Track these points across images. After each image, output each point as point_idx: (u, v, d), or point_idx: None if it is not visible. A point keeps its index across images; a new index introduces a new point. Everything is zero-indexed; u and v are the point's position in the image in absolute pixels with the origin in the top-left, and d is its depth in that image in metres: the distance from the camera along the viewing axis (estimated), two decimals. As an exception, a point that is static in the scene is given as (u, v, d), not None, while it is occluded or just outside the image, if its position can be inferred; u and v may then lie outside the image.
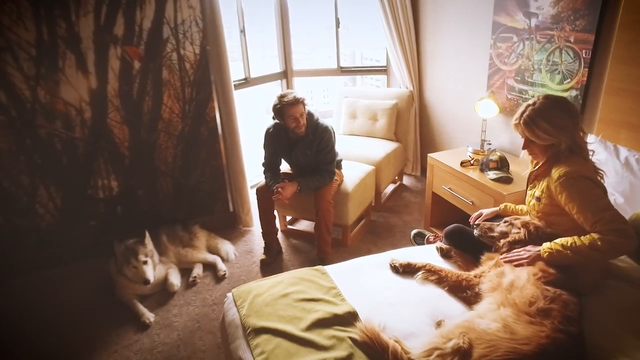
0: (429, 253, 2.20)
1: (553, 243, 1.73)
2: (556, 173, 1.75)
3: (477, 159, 3.00)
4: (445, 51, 3.80)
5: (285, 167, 3.24)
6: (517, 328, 1.43)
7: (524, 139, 1.87)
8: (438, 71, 3.95)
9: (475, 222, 2.12)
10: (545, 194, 1.84)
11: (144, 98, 3.08)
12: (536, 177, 1.93)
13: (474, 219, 2.24)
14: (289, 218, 3.67)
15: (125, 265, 2.71)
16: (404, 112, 4.07)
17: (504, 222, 1.96)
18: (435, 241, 2.75)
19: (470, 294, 1.80)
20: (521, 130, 1.85)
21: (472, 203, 2.84)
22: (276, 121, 2.95)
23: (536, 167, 1.93)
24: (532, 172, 1.95)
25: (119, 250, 2.75)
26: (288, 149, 3.03)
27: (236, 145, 3.44)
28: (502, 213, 2.19)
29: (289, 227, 3.62)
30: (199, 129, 3.31)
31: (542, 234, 1.82)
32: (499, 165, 2.79)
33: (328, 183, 2.98)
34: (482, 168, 2.88)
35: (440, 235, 2.37)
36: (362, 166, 3.47)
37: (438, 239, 2.64)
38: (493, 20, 3.11)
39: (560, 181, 1.73)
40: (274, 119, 2.95)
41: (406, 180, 4.44)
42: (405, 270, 2.01)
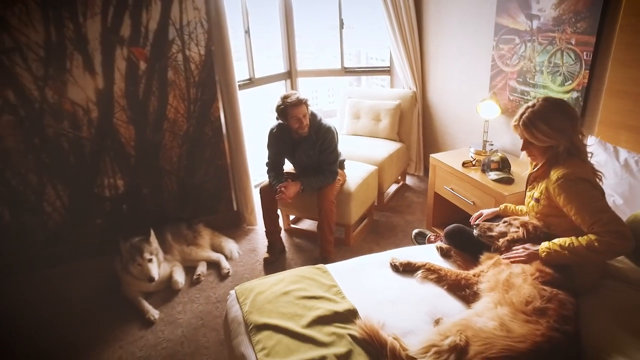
0: (429, 252, 2.21)
1: (551, 243, 1.75)
2: (555, 175, 1.77)
3: (479, 159, 3.01)
4: (448, 52, 3.81)
5: (288, 167, 3.26)
6: (513, 326, 1.46)
7: (523, 140, 1.89)
8: (441, 72, 3.96)
9: (475, 222, 2.14)
10: (544, 195, 1.85)
11: (149, 98, 3.12)
12: (535, 179, 1.94)
13: (475, 219, 2.25)
14: (292, 217, 3.69)
15: (131, 263, 2.74)
16: (407, 113, 4.08)
17: (503, 223, 1.97)
18: (436, 241, 2.77)
19: (468, 292, 1.82)
20: (520, 132, 1.87)
21: (474, 203, 2.85)
22: (280, 121, 2.97)
23: (535, 169, 1.95)
24: (531, 174, 1.97)
25: (124, 248, 2.77)
26: (291, 149, 3.06)
27: (240, 145, 3.47)
28: (502, 213, 2.21)
29: (292, 226, 3.65)
30: (203, 129, 3.34)
31: (541, 233, 1.84)
32: (500, 166, 2.81)
33: (331, 183, 3.00)
34: (484, 169, 2.89)
35: (441, 234, 2.40)
36: (365, 166, 3.48)
37: (439, 239, 2.66)
38: (495, 22, 3.12)
39: (558, 183, 1.74)
40: (277, 120, 2.98)
41: (409, 180, 4.45)
42: (405, 269, 2.02)
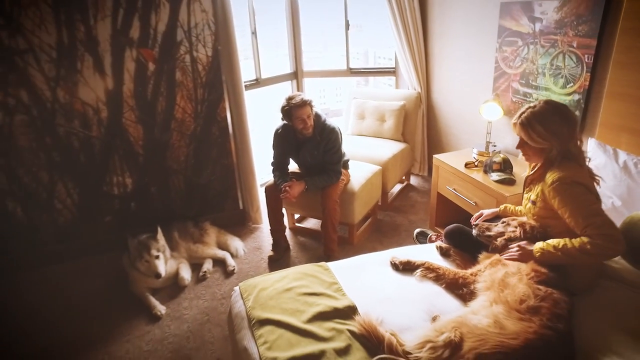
0: (429, 252, 2.25)
1: (545, 244, 1.78)
2: (550, 178, 1.79)
3: (482, 160, 3.04)
4: (452, 54, 3.84)
5: (293, 167, 3.30)
6: (507, 324, 1.49)
7: (519, 138, 1.92)
8: (445, 73, 3.99)
9: (474, 222, 2.16)
10: (540, 198, 1.88)
11: (157, 98, 3.18)
12: (532, 181, 1.97)
13: (475, 219, 2.28)
14: (297, 216, 3.73)
15: (138, 260, 2.79)
16: (412, 113, 4.11)
17: (502, 223, 2.00)
18: (437, 240, 2.80)
19: (465, 291, 1.85)
20: (518, 130, 1.90)
21: (476, 204, 2.88)
22: (285, 122, 3.01)
23: (532, 172, 1.98)
24: (528, 176, 1.99)
25: (132, 245, 2.82)
26: (296, 149, 3.10)
27: (246, 144, 3.52)
28: (502, 214, 2.24)
29: (297, 225, 3.69)
30: (210, 128, 3.40)
31: (538, 234, 1.86)
32: (502, 167, 2.83)
33: (334, 182, 3.04)
34: (486, 169, 2.92)
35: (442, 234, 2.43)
36: (369, 166, 3.51)
37: (439, 238, 2.69)
38: (499, 24, 3.14)
39: (553, 186, 1.77)
40: (282, 120, 3.03)
41: (413, 180, 4.48)
42: (404, 267, 2.06)
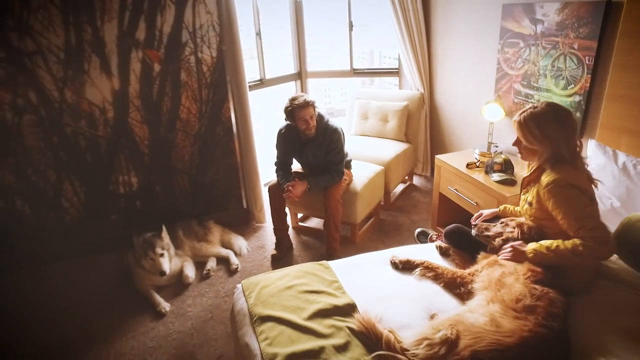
0: (428, 251, 2.28)
1: (538, 244, 1.81)
2: (545, 180, 1.82)
3: (483, 161, 3.06)
4: (455, 55, 3.86)
5: (297, 167, 3.33)
6: (503, 322, 1.52)
7: (516, 136, 1.95)
8: (448, 74, 4.01)
9: (473, 222, 2.19)
10: (536, 199, 1.90)
11: (163, 99, 3.22)
12: (529, 183, 1.99)
13: (475, 219, 2.30)
14: (300, 215, 3.76)
15: (143, 257, 2.84)
16: (415, 114, 4.13)
17: (500, 223, 2.02)
18: (437, 240, 2.83)
19: (463, 290, 1.88)
20: (515, 128, 1.93)
21: (477, 204, 2.90)
22: (288, 122, 3.05)
23: (529, 173, 2.00)
24: (525, 178, 2.01)
25: (137, 243, 2.87)
26: (299, 149, 3.13)
27: (250, 144, 3.56)
28: (501, 214, 2.26)
29: (300, 224, 3.73)
30: (214, 128, 3.44)
31: (535, 234, 1.89)
32: (503, 167, 2.85)
33: (337, 182, 3.07)
34: (487, 170, 2.94)
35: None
36: (372, 166, 3.54)
37: (440, 238, 2.72)
38: (501, 26, 3.16)
39: (548, 188, 1.79)
40: (286, 120, 3.06)
41: (416, 181, 4.50)
42: (404, 266, 2.09)
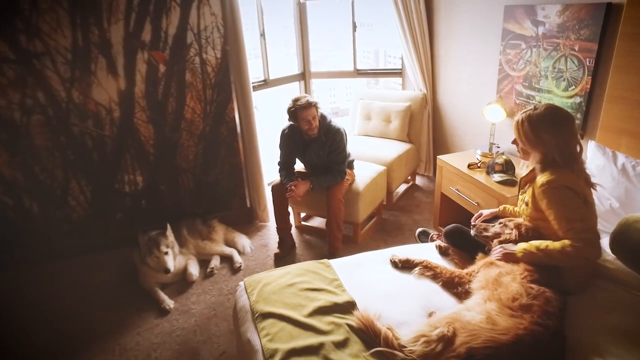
0: (428, 250, 2.30)
1: (528, 244, 1.83)
2: (540, 180, 1.84)
3: (484, 161, 3.09)
4: (457, 56, 3.87)
5: (300, 167, 3.37)
6: (499, 320, 1.55)
7: None
8: (451, 75, 4.03)
9: (473, 223, 2.21)
10: (531, 199, 1.92)
11: (168, 99, 3.27)
12: (526, 183, 2.01)
13: (475, 219, 2.31)
14: (303, 215, 3.80)
15: (148, 255, 2.88)
16: (417, 114, 4.16)
17: (499, 224, 2.04)
18: (438, 239, 2.85)
19: (461, 290, 1.91)
20: (513, 127, 1.95)
21: (478, 204, 2.92)
22: (291, 123, 3.08)
23: (525, 173, 2.02)
24: (523, 178, 2.03)
25: (142, 241, 2.92)
26: (302, 149, 3.17)
27: (254, 144, 3.60)
28: (501, 214, 2.28)
29: (303, 224, 3.76)
30: (219, 128, 3.48)
31: (532, 236, 1.90)
32: (504, 168, 2.88)
33: (339, 182, 3.11)
34: (488, 171, 2.96)
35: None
36: (374, 166, 3.57)
37: (440, 238, 2.74)
38: (503, 27, 3.18)
39: (542, 188, 1.81)
40: (289, 121, 3.10)
41: (419, 181, 4.53)
42: (404, 265, 2.12)
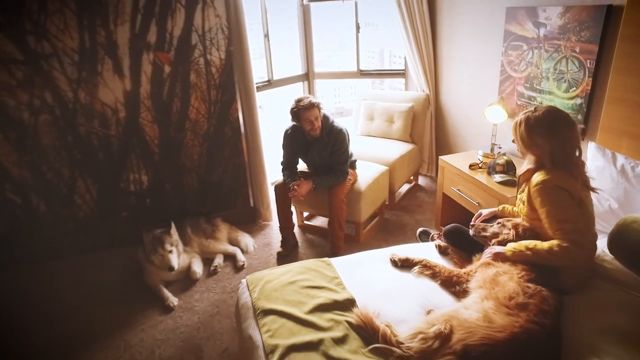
0: (428, 250, 2.33)
1: (518, 244, 1.87)
2: (535, 179, 1.86)
3: (486, 162, 3.11)
4: (460, 57, 3.89)
5: (302, 166, 3.40)
6: (495, 318, 1.57)
7: None
8: (453, 76, 4.04)
9: (471, 223, 2.23)
10: (527, 198, 1.94)
11: (173, 100, 3.31)
12: (524, 182, 2.02)
13: (475, 219, 2.33)
14: (306, 214, 3.84)
15: (153, 253, 2.92)
16: (420, 115, 4.17)
17: (497, 224, 2.07)
18: (438, 239, 2.88)
19: (459, 289, 1.93)
20: (512, 126, 1.98)
21: (479, 204, 2.94)
22: (294, 123, 3.12)
23: (522, 172, 2.03)
24: (520, 176, 2.04)
25: (147, 239, 2.96)
26: (305, 150, 3.20)
27: (257, 144, 3.63)
28: (499, 214, 2.30)
29: (306, 223, 3.79)
30: (223, 128, 3.52)
31: (530, 235, 1.92)
32: (505, 169, 2.89)
33: (341, 182, 3.13)
34: (489, 171, 2.98)
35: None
36: (377, 166, 3.59)
37: (440, 238, 2.77)
38: (505, 29, 3.20)
39: (537, 187, 1.84)
40: (292, 121, 3.13)
41: (422, 181, 4.55)
42: (403, 264, 2.15)
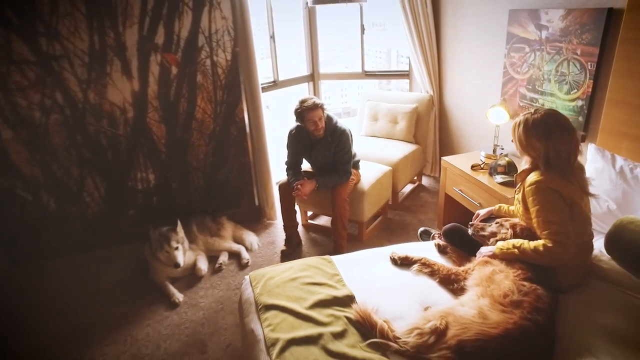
0: (427, 249, 2.37)
1: (507, 242, 1.92)
2: (529, 179, 1.90)
3: (487, 163, 3.14)
4: (463, 58, 3.92)
5: (306, 166, 3.44)
6: (490, 315, 1.61)
7: None
8: (457, 77, 4.07)
9: (470, 223, 2.27)
10: (522, 197, 1.98)
11: (180, 100, 3.37)
12: (520, 181, 2.05)
13: (474, 219, 2.37)
14: (309, 213, 3.88)
15: (159, 250, 2.98)
16: (424, 116, 4.21)
17: (496, 223, 2.10)
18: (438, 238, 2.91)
19: (456, 287, 1.97)
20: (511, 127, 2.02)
21: (480, 205, 2.97)
22: (298, 124, 3.16)
23: (519, 171, 2.06)
24: (517, 176, 2.07)
25: (153, 237, 3.02)
26: (309, 150, 3.24)
27: (262, 144, 3.69)
28: (496, 213, 2.33)
29: (310, 222, 3.84)
30: (228, 128, 3.57)
31: (527, 235, 1.95)
32: (507, 169, 2.92)
33: (344, 182, 3.18)
34: (491, 172, 3.01)
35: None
36: (380, 167, 3.63)
37: (441, 237, 2.80)
38: (507, 31, 3.22)
39: (530, 187, 1.88)
40: (296, 122, 3.18)
41: (425, 181, 4.58)
42: (403, 262, 2.19)
